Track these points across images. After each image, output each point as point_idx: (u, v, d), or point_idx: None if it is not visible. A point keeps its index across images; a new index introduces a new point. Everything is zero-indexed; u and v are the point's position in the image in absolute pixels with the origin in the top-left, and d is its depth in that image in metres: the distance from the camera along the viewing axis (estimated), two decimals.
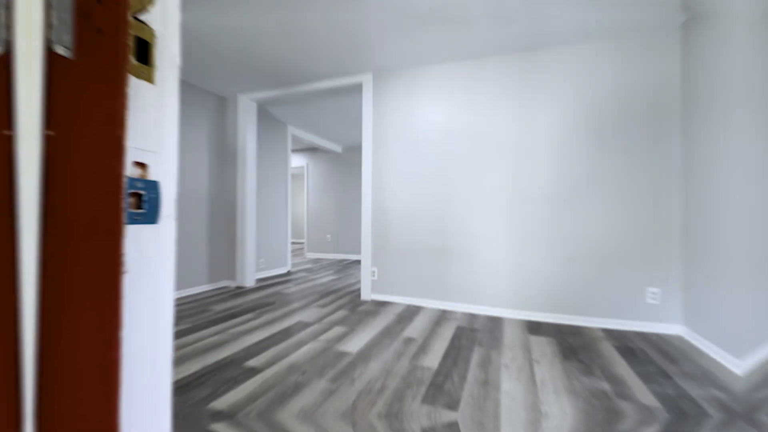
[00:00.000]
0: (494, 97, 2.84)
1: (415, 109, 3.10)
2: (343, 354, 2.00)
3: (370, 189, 3.25)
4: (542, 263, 2.68)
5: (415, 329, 2.45)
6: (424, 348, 2.11)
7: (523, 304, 2.74)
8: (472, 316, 2.78)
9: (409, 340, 2.23)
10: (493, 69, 2.84)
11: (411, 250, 3.11)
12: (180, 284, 3.38)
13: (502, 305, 2.79)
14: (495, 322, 2.62)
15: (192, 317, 2.70)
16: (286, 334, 2.34)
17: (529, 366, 1.86)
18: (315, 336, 2.30)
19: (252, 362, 1.88)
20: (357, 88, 3.44)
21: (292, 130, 5.16)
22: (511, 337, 2.31)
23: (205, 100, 3.64)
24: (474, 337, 2.30)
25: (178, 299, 3.27)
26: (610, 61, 2.53)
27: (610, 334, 2.38)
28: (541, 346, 2.15)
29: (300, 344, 2.15)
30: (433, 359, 1.94)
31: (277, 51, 2.81)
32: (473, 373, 1.78)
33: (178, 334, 2.31)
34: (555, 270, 2.64)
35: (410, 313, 2.86)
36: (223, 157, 3.89)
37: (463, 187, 2.93)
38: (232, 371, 1.77)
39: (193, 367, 1.83)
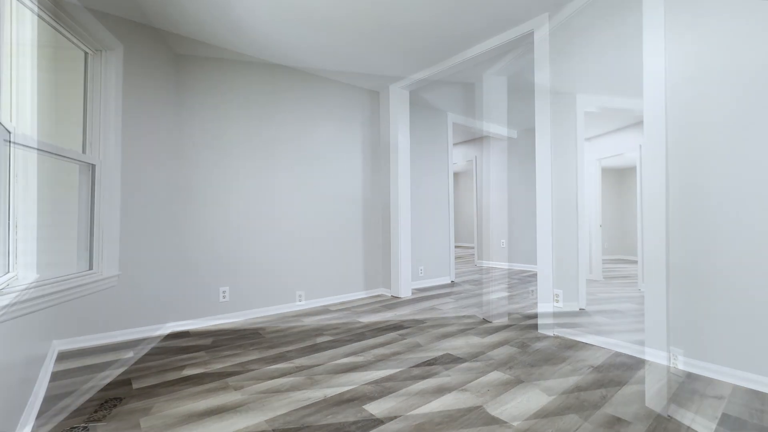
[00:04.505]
0: None
1: (631, 44, 2.14)
2: (497, 424, 1.44)
3: (549, 176, 2.47)
4: None
5: (629, 404, 1.59)
6: None
7: None
8: (764, 399, 1.62)
9: (616, 424, 1.42)
10: None
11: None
12: (336, 289, 3.54)
13: None
14: None
15: (337, 328, 2.69)
16: (427, 370, 1.95)
17: None
18: (463, 381, 1.81)
19: (374, 406, 1.58)
20: (527, 43, 2.72)
21: (453, 118, 4.77)
22: None
23: (357, 98, 3.72)
24: None
25: (331, 305, 3.41)
26: None
27: None
28: None
29: (440, 390, 1.71)
30: None
31: (417, 13, 2.48)
32: None
33: (317, 348, 2.29)
34: None
35: (619, 367, 1.95)
36: (377, 156, 3.90)
37: None
38: (348, 414, 1.51)
39: (315, 394, 1.68)
